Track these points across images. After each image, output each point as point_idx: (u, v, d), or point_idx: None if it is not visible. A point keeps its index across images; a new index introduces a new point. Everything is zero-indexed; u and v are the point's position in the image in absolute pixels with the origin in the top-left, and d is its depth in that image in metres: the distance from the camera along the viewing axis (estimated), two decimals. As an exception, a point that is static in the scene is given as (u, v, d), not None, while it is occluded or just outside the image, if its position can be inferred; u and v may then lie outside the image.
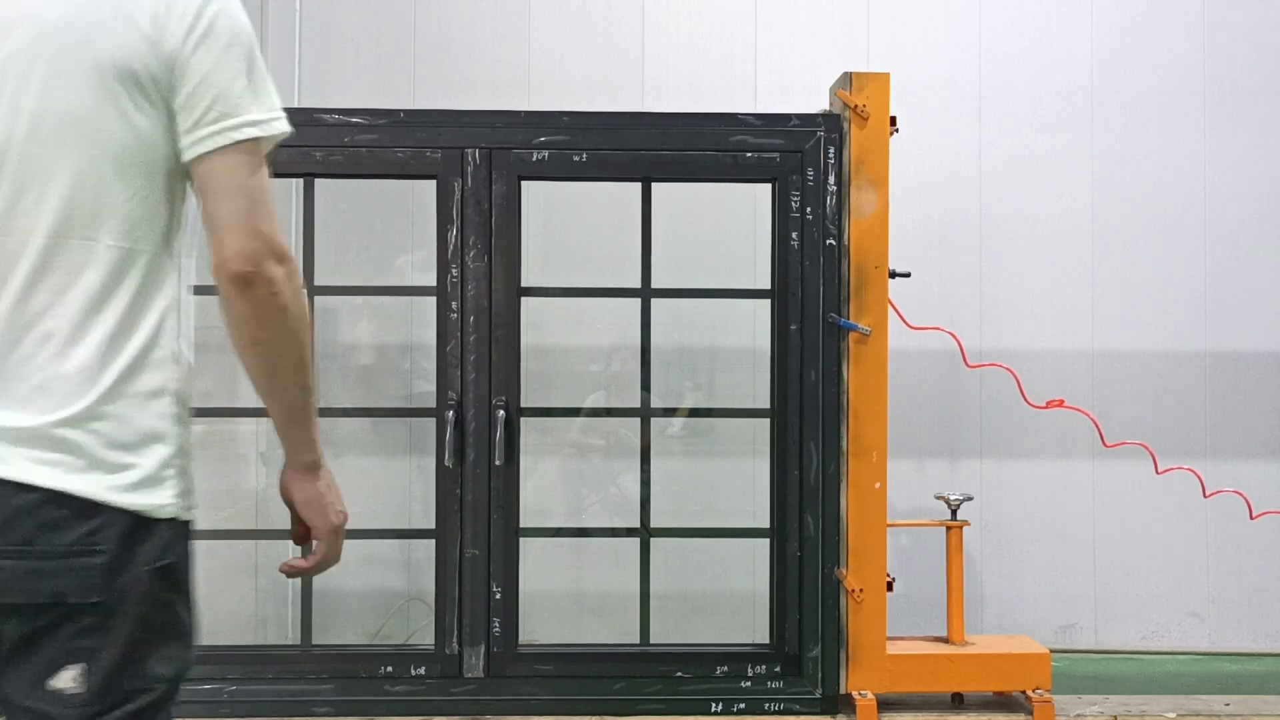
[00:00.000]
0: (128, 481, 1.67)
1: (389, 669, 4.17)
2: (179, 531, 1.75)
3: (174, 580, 1.74)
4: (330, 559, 1.95)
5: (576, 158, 4.22)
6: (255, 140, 1.78)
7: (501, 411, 4.12)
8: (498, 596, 4.16)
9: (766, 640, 4.31)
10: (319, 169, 4.20)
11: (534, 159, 4.19)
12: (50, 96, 1.66)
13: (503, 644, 4.17)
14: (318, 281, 4.31)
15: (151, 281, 1.77)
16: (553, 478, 5.16)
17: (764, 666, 4.18)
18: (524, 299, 4.23)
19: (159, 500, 1.71)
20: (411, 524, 4.98)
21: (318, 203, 4.30)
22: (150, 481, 1.70)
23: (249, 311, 1.81)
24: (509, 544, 4.19)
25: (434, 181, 4.22)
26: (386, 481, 5.22)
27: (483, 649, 4.16)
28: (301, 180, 4.28)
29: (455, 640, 4.17)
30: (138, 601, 1.67)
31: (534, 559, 4.48)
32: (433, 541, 4.21)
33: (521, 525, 4.23)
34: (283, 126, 1.83)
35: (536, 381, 4.92)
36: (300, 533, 1.98)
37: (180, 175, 1.76)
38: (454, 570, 4.17)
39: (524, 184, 4.23)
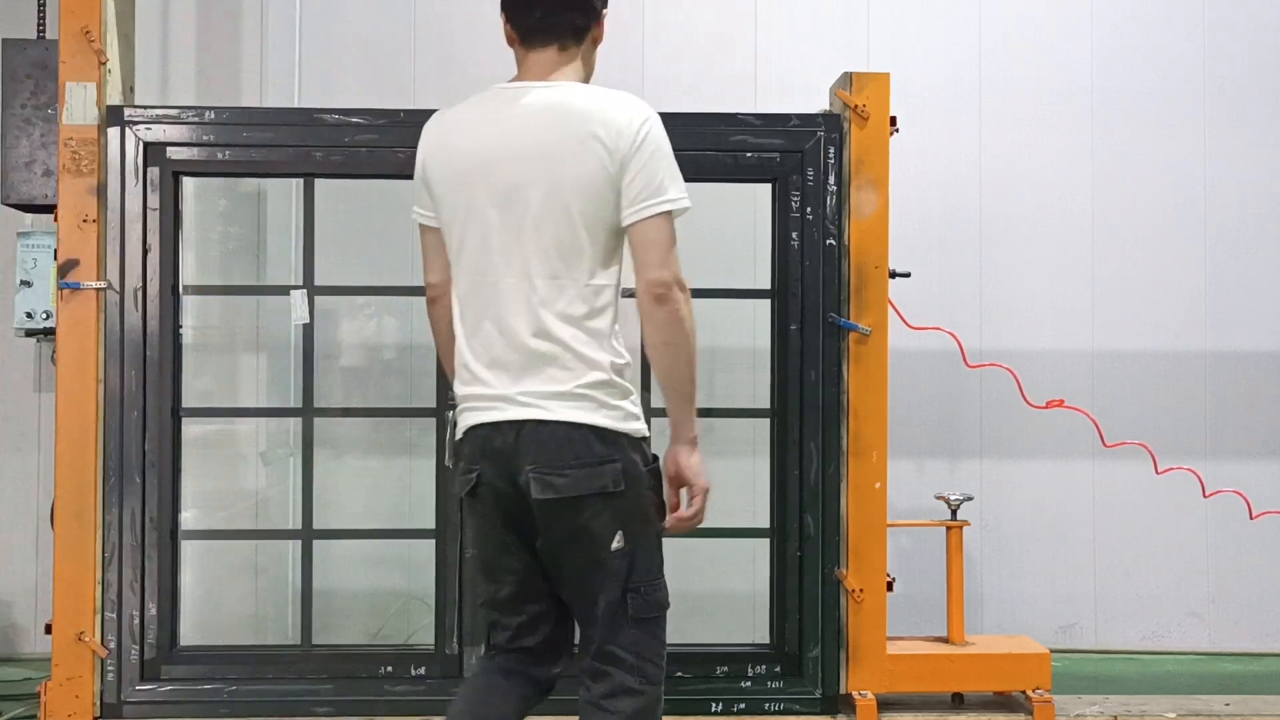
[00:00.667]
0: (619, 417, 2.60)
1: (389, 669, 4.17)
2: (645, 445, 2.67)
3: (655, 472, 2.68)
4: (700, 515, 2.70)
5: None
6: (669, 212, 2.59)
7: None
8: (498, 596, 4.16)
9: (766, 640, 4.30)
10: (319, 169, 4.20)
11: (534, 159, 4.19)
12: (560, 185, 2.56)
13: (503, 644, 4.16)
14: (318, 281, 4.31)
15: (611, 303, 2.64)
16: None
17: (764, 666, 4.17)
18: (524, 299, 4.23)
19: (637, 427, 2.64)
20: (411, 524, 4.98)
21: (318, 203, 4.30)
22: (631, 418, 2.62)
23: (661, 320, 2.58)
24: (509, 544, 4.18)
25: (434, 181, 4.21)
26: (386, 481, 5.22)
27: (483, 649, 4.15)
28: (301, 180, 4.27)
29: (455, 640, 4.16)
30: (637, 487, 2.61)
31: (534, 559, 4.47)
32: (432, 541, 4.21)
33: (521, 525, 4.23)
34: (686, 203, 2.62)
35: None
36: (674, 502, 2.71)
37: (620, 233, 2.62)
38: (454, 570, 4.17)
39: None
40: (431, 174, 2.70)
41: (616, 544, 2.59)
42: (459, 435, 2.73)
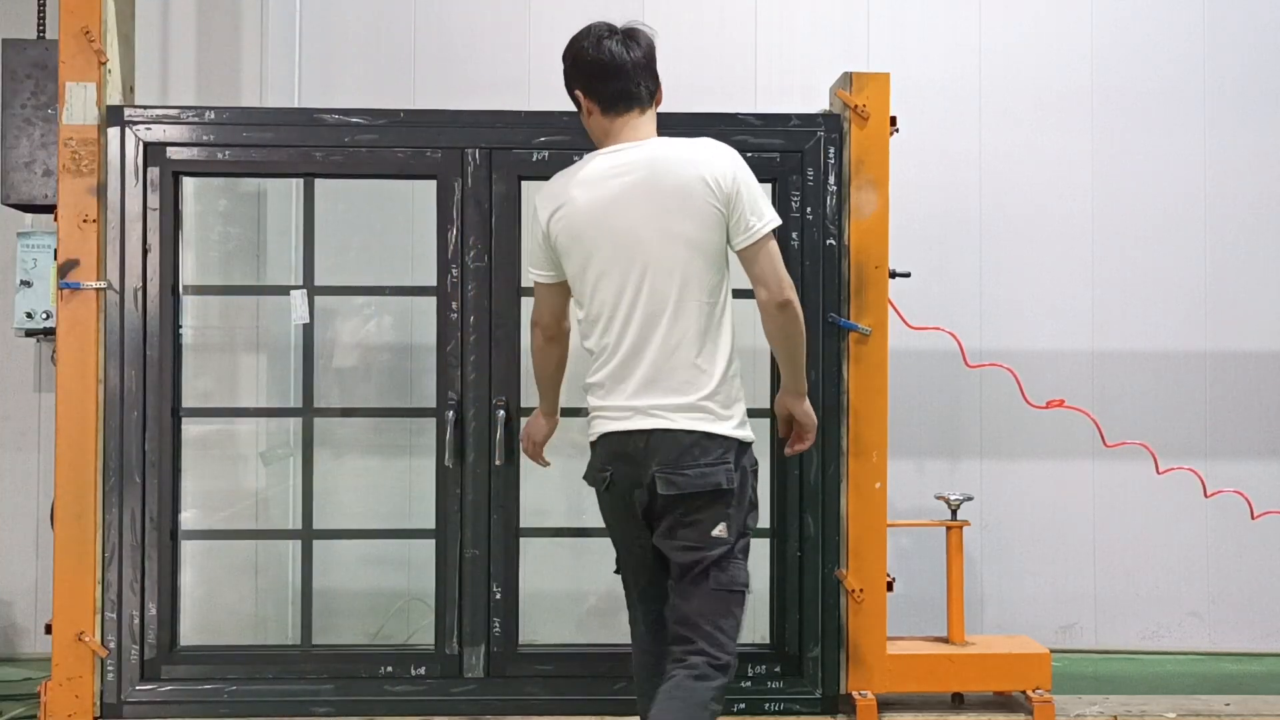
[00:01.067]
0: (731, 425, 3.10)
1: (389, 669, 4.17)
2: (751, 449, 3.19)
3: (755, 473, 3.21)
4: (811, 442, 3.41)
5: (576, 157, 4.21)
6: (769, 233, 3.10)
7: (501, 411, 4.12)
8: (498, 596, 4.16)
9: (766, 640, 4.30)
10: (319, 169, 4.20)
11: (534, 159, 4.19)
12: (671, 225, 3.06)
13: (503, 644, 4.17)
14: (318, 281, 4.31)
15: (724, 320, 3.14)
16: (554, 478, 5.16)
17: (764, 666, 4.18)
18: (524, 299, 4.23)
19: (746, 434, 3.15)
20: (411, 524, 4.98)
21: (318, 203, 4.30)
22: (741, 425, 3.13)
23: (784, 321, 3.13)
24: (509, 544, 4.19)
25: (434, 181, 4.22)
26: (386, 481, 5.21)
27: (483, 649, 4.16)
28: (301, 180, 4.27)
29: (455, 640, 4.17)
30: (743, 487, 3.13)
31: (534, 559, 4.47)
32: (432, 541, 4.21)
33: (521, 525, 4.23)
34: (777, 220, 3.14)
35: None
36: (785, 432, 3.43)
37: (726, 257, 3.12)
38: (454, 570, 4.17)
39: (524, 184, 4.23)
40: (557, 236, 3.16)
41: (718, 533, 3.06)
42: (593, 438, 3.21)
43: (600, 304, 3.12)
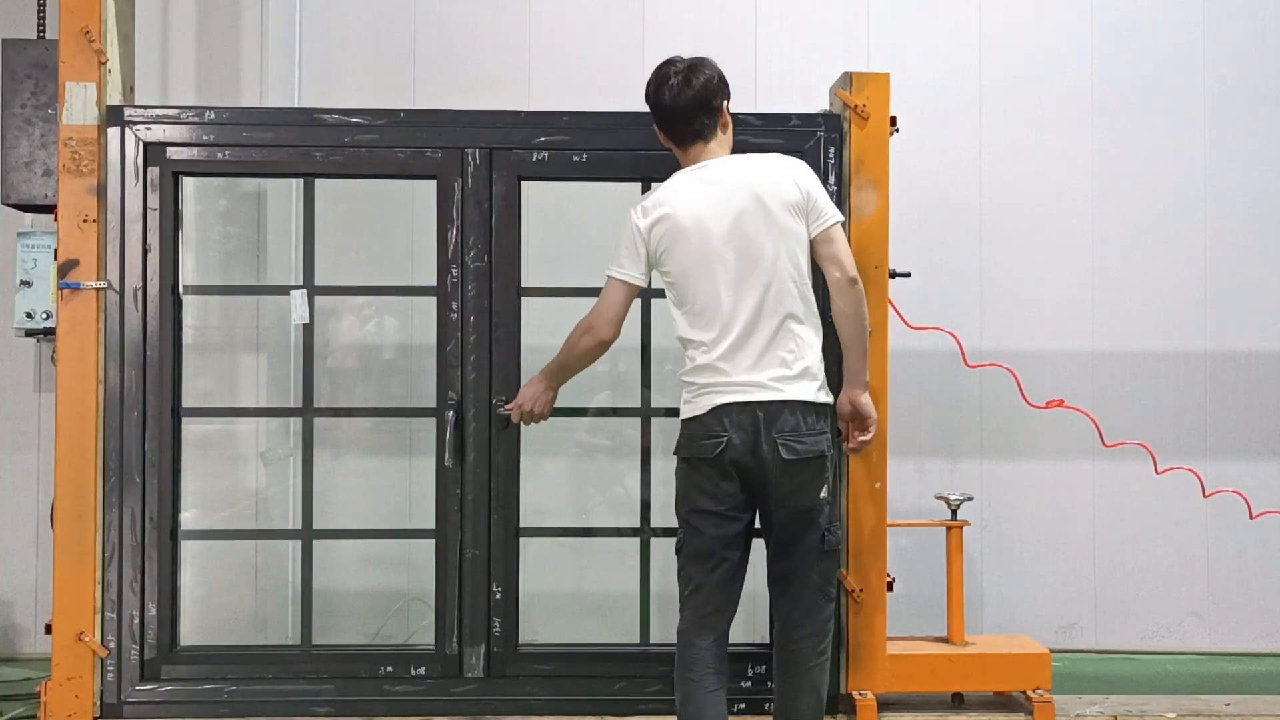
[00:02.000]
0: (826, 396, 3.53)
1: (389, 669, 4.17)
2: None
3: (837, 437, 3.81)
4: (874, 429, 3.71)
5: (576, 158, 4.22)
6: (841, 223, 3.55)
7: (502, 411, 4.12)
8: (498, 596, 4.16)
9: (767, 640, 4.30)
10: (319, 169, 4.20)
11: (534, 159, 4.19)
12: (773, 220, 3.48)
13: (503, 644, 4.17)
14: (318, 281, 4.31)
15: (812, 307, 3.55)
16: (554, 478, 5.16)
17: (764, 666, 4.17)
18: (524, 299, 4.23)
19: (831, 400, 3.61)
20: (411, 524, 4.98)
21: (318, 203, 4.30)
22: (828, 393, 3.55)
23: (853, 298, 3.52)
24: (509, 544, 4.19)
25: (434, 181, 4.22)
26: (386, 481, 5.21)
27: (483, 649, 4.16)
28: (301, 180, 4.27)
29: (455, 640, 4.16)
30: (836, 450, 3.77)
31: (534, 559, 4.47)
32: (432, 541, 4.21)
33: (521, 525, 4.23)
34: (840, 216, 3.57)
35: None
36: (846, 433, 3.76)
37: (808, 245, 3.53)
38: (454, 570, 4.17)
39: (524, 184, 4.23)
40: (659, 239, 3.52)
41: (824, 494, 3.47)
42: (703, 412, 3.47)
43: (709, 296, 3.48)
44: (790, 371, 3.45)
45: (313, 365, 4.32)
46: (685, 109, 3.56)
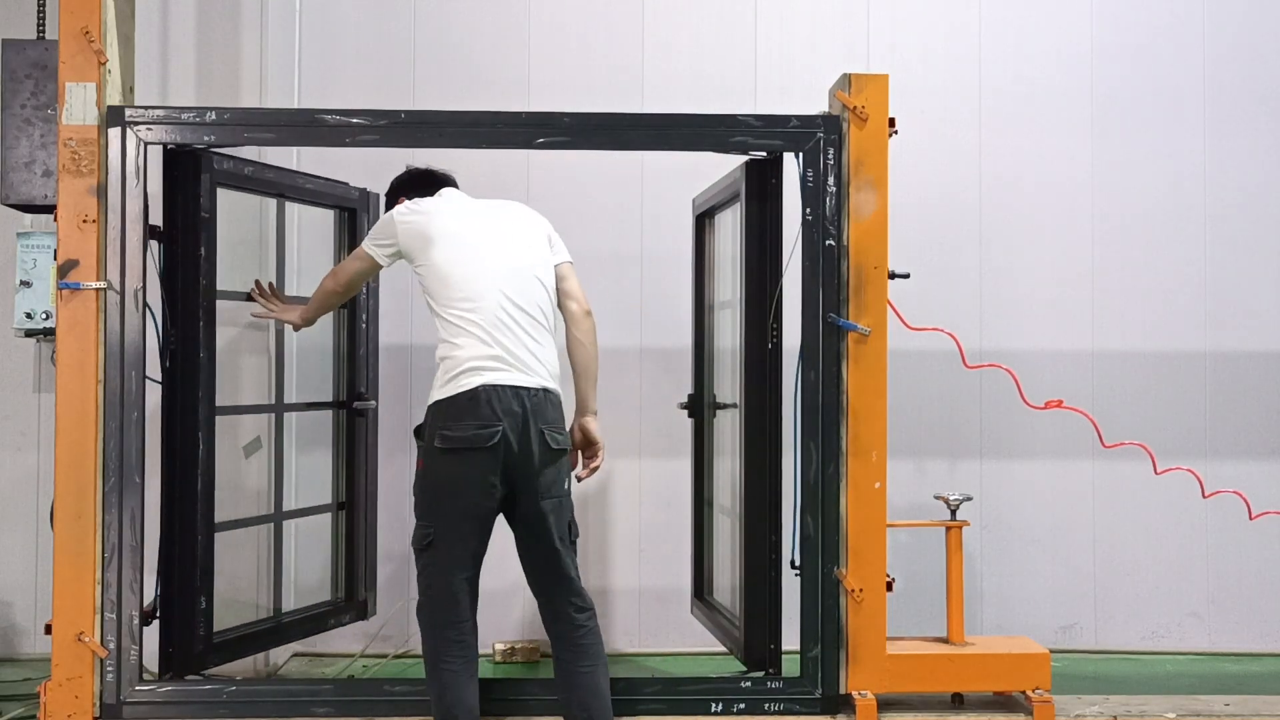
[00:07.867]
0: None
1: (389, 669, 4.16)
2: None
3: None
4: (600, 463, 3.93)
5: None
6: (571, 263, 3.88)
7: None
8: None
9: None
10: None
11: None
12: (522, 254, 3.77)
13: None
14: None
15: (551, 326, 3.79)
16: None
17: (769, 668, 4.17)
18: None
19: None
20: (411, 524, 4.96)
21: (318, 203, 4.30)
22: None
23: (586, 328, 3.83)
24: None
25: (434, 182, 4.21)
26: (386, 481, 5.21)
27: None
28: (301, 180, 4.27)
29: (455, 640, 4.15)
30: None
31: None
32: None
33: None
34: (569, 258, 3.90)
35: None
36: (581, 445, 3.88)
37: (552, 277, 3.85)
38: (454, 570, 4.15)
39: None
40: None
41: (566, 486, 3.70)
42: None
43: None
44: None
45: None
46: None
